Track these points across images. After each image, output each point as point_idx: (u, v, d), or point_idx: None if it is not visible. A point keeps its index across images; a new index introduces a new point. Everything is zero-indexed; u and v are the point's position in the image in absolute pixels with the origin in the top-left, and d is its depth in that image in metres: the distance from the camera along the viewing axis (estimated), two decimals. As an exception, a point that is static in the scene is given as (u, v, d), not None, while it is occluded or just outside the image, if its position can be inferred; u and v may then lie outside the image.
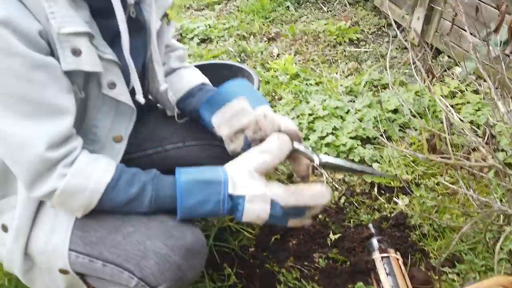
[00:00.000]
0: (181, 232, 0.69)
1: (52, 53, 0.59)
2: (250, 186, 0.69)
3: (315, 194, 0.71)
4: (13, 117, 0.57)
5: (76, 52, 0.60)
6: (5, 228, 0.72)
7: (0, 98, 0.56)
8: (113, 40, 0.67)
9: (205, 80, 0.94)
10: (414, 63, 1.09)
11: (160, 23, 0.78)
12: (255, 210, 0.68)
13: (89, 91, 0.66)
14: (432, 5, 2.09)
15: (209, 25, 2.71)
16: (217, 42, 2.56)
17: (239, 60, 2.34)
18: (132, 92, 0.73)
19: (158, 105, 0.98)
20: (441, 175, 1.34)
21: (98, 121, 0.70)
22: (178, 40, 2.52)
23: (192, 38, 2.60)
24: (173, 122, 0.93)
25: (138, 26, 0.75)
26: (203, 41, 2.60)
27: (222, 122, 0.80)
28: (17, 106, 0.57)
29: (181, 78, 0.92)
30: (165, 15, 0.81)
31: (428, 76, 1.52)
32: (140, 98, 0.74)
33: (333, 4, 2.94)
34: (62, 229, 0.69)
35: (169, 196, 0.69)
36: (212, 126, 0.83)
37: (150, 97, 0.94)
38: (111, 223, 0.69)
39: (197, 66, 1.08)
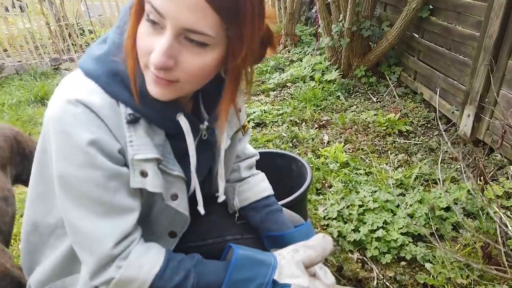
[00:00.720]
0: None
1: (126, 164, 0.70)
2: (297, 277, 0.72)
3: None
4: (88, 216, 0.68)
5: (143, 174, 0.70)
6: None
7: (80, 199, 0.67)
8: (183, 157, 0.76)
9: (270, 191, 1.02)
10: (464, 160, 1.13)
11: (230, 142, 0.86)
12: None
13: (153, 201, 0.76)
14: (482, 104, 2.16)
15: (264, 110, 2.93)
16: (271, 127, 2.74)
17: (291, 145, 2.48)
18: (193, 199, 0.82)
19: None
20: (499, 284, 1.29)
21: (157, 221, 0.79)
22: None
23: (248, 122, 2.81)
24: (234, 215, 1.02)
25: (208, 145, 0.84)
26: (258, 125, 2.80)
27: None
28: (93, 207, 0.67)
29: (248, 189, 1.00)
30: (242, 127, 0.91)
31: (479, 176, 1.55)
32: (201, 210, 0.82)
33: (382, 95, 3.09)
34: None
35: (213, 275, 0.74)
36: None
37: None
38: None
39: None
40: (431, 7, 2.74)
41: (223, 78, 0.73)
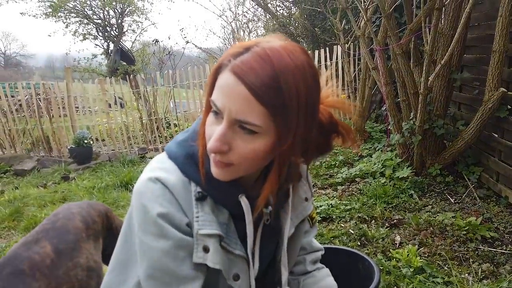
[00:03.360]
0: None
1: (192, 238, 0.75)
2: None
3: None
4: (155, 284, 0.73)
5: (206, 250, 0.74)
6: None
7: (151, 268, 0.73)
8: (245, 237, 0.80)
9: (334, 286, 1.00)
10: None
11: (294, 230, 0.88)
12: None
13: (217, 281, 0.78)
14: None
15: (331, 204, 2.89)
16: (338, 222, 2.66)
17: (359, 244, 2.36)
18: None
19: None
20: None
21: None
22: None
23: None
24: None
25: (273, 230, 0.86)
26: (324, 219, 2.74)
27: None
28: (160, 275, 0.73)
29: (313, 283, 0.99)
30: (310, 218, 0.94)
31: None
32: None
33: (461, 197, 2.88)
34: None
35: None
36: None
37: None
38: None
39: None
40: (509, 107, 2.65)
41: (290, 164, 0.79)
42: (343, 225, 2.61)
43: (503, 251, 2.16)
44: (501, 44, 2.55)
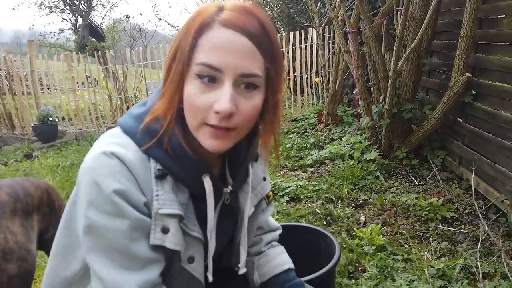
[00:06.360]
0: None
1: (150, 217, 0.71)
2: None
3: None
4: (113, 265, 0.68)
5: (165, 230, 0.70)
6: None
7: (106, 249, 0.68)
8: (204, 220, 0.76)
9: (290, 264, 0.98)
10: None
11: (254, 209, 0.86)
12: None
13: (170, 262, 0.74)
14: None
15: (300, 185, 2.90)
16: (305, 203, 2.68)
17: (325, 223, 2.39)
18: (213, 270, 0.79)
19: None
20: None
21: (172, 286, 0.76)
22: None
23: (283, 196, 2.78)
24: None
25: (231, 211, 0.84)
26: (292, 199, 2.76)
27: None
28: (117, 257, 0.68)
29: (267, 262, 0.97)
30: (267, 197, 0.91)
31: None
32: (210, 277, 0.79)
33: (425, 179, 2.96)
34: None
35: None
36: None
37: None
38: None
39: (284, 226, 1.15)
40: (474, 92, 2.71)
41: (251, 143, 0.79)
42: (310, 205, 2.64)
43: (461, 230, 2.23)
44: (468, 30, 2.59)
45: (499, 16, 2.50)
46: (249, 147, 0.80)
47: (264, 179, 0.91)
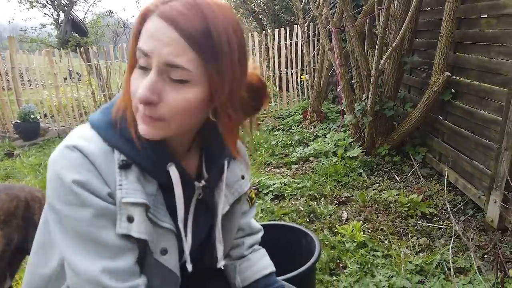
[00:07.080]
0: None
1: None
2: None
3: None
4: (83, 254, 0.68)
5: (130, 219, 0.70)
6: None
7: (74, 239, 0.68)
8: (175, 211, 0.76)
9: (271, 268, 0.99)
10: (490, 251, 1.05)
11: (229, 208, 0.86)
12: None
13: (144, 254, 0.75)
14: (508, 192, 2.06)
15: (284, 183, 2.93)
16: (289, 200, 2.71)
17: (308, 220, 2.42)
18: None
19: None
20: None
21: (150, 280, 0.77)
22: (255, 195, 2.73)
23: (267, 193, 2.80)
24: None
25: (208, 208, 0.84)
26: (276, 197, 2.78)
27: None
28: (86, 246, 0.68)
29: (250, 266, 0.98)
30: (250, 199, 0.92)
31: (499, 267, 1.43)
32: (189, 267, 0.79)
33: (407, 175, 3.02)
34: None
35: None
36: None
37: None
38: None
39: (265, 225, 1.17)
40: (453, 90, 2.77)
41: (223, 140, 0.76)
42: (293, 203, 2.67)
43: (439, 226, 2.29)
44: (448, 29, 2.64)
45: (481, 16, 2.55)
46: (223, 144, 0.79)
47: (243, 177, 0.90)
